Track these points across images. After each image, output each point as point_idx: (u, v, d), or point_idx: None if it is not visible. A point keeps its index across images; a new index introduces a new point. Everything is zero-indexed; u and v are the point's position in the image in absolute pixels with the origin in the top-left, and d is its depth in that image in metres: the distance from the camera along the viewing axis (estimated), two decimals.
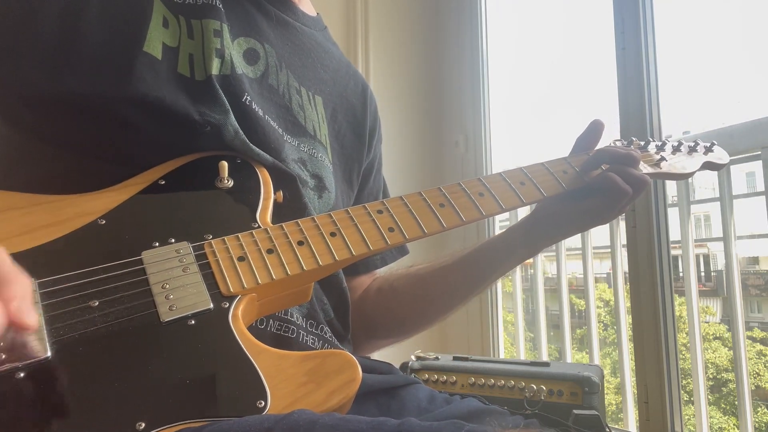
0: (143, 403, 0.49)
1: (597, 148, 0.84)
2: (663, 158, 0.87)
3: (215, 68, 0.72)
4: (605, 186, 0.77)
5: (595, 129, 0.84)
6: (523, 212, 1.68)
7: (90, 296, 0.55)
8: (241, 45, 0.78)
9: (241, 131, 0.71)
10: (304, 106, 0.84)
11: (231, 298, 0.58)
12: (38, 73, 0.66)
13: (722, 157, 0.94)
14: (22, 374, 0.48)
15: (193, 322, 0.56)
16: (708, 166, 0.92)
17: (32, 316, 0.43)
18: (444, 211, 0.71)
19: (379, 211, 0.69)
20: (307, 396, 0.52)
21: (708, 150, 0.93)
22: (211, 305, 0.57)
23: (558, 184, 0.79)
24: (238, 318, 0.57)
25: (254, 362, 0.53)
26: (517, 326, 2.22)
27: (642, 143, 0.90)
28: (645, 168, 0.84)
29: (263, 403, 0.51)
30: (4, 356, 0.48)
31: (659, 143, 0.91)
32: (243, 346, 0.55)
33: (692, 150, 0.91)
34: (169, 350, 0.53)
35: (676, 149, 0.90)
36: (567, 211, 0.81)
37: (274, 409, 0.50)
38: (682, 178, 0.90)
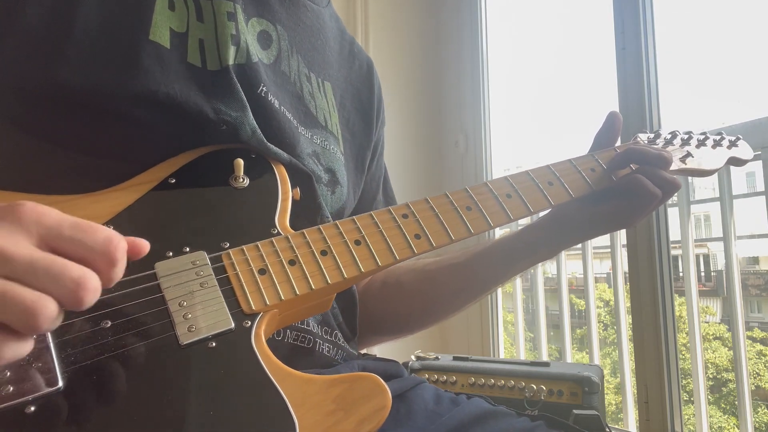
0: None
1: (626, 146, 0.80)
2: (689, 153, 0.83)
3: (231, 57, 0.66)
4: (633, 188, 0.73)
5: (612, 122, 0.80)
6: None
7: (102, 316, 0.49)
8: (255, 27, 0.72)
9: (258, 130, 0.66)
10: (314, 95, 0.78)
11: (253, 316, 0.54)
12: (30, 65, 0.59)
13: (746, 152, 0.90)
14: (32, 408, 0.44)
15: (213, 344, 0.51)
16: (732, 161, 0.89)
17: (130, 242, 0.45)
18: (471, 215, 0.67)
19: (404, 216, 0.65)
20: (336, 425, 0.48)
21: (732, 144, 0.89)
22: (233, 325, 0.53)
23: (586, 184, 0.75)
24: (261, 338, 0.53)
25: (280, 389, 0.50)
26: (517, 326, 2.22)
27: (668, 136, 0.86)
28: (672, 165, 0.79)
29: None
30: (12, 388, 0.43)
31: (685, 135, 0.86)
32: (268, 371, 0.51)
33: (717, 144, 0.87)
34: (189, 377, 0.50)
35: (701, 143, 0.86)
36: (591, 212, 0.76)
37: None
38: (706, 175, 0.86)
